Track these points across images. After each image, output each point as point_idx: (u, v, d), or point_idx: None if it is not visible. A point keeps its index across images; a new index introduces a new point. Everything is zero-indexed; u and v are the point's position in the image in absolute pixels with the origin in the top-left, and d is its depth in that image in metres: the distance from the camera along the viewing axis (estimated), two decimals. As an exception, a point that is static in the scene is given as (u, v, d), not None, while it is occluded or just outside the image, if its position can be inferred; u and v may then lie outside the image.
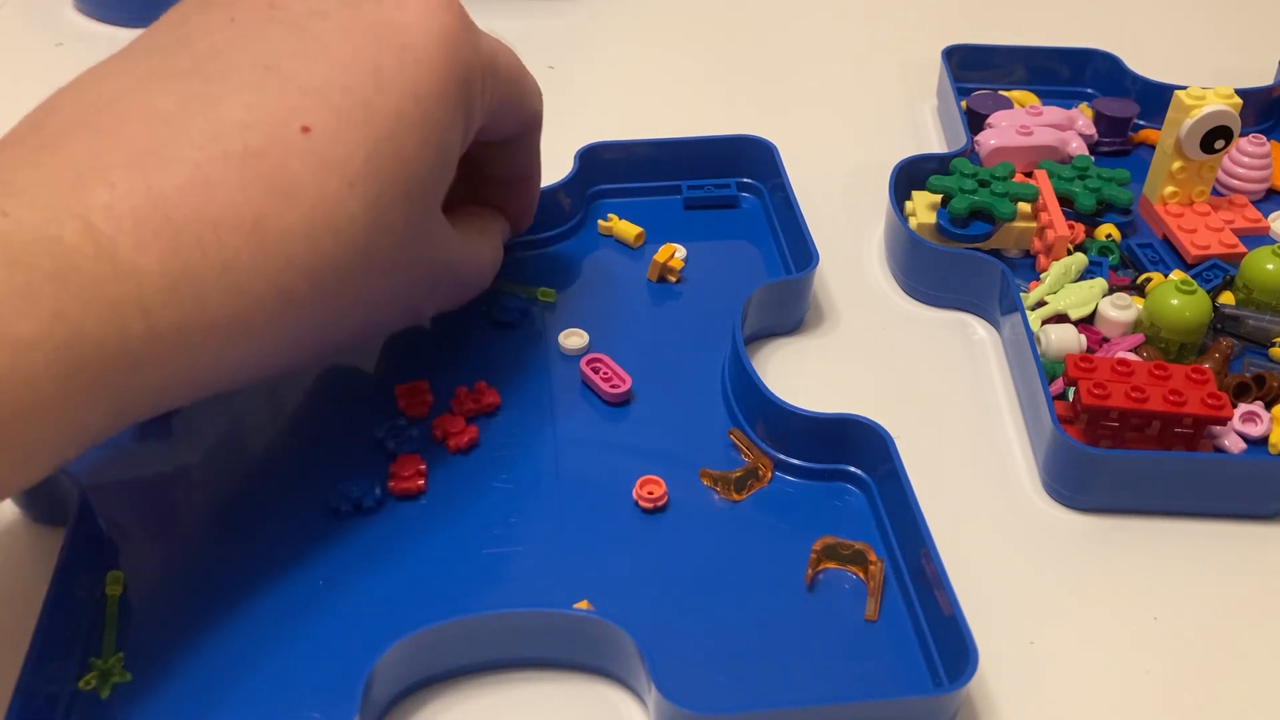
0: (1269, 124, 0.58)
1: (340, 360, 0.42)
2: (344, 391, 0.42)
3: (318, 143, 0.31)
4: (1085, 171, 0.50)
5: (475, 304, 0.44)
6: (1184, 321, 0.42)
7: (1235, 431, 0.40)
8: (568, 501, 0.38)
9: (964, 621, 0.32)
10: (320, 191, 0.31)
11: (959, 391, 0.44)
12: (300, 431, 0.40)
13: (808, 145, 0.55)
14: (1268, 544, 0.39)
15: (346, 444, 0.39)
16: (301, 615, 0.34)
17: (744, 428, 0.40)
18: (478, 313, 0.44)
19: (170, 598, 0.35)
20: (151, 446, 0.39)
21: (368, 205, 0.32)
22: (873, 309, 0.48)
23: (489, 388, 0.41)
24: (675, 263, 0.47)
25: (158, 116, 0.30)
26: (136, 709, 0.32)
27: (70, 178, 0.28)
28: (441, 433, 0.39)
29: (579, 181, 0.49)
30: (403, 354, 0.43)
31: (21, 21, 0.65)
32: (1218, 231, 0.49)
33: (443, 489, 0.38)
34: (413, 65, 0.33)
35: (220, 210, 0.29)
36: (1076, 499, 0.39)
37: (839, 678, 0.33)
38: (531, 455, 0.39)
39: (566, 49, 0.65)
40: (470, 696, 0.33)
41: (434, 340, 0.43)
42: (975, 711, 0.33)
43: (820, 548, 0.36)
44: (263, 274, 0.30)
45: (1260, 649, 0.35)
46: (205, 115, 0.30)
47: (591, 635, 0.33)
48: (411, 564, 0.35)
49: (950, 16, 0.69)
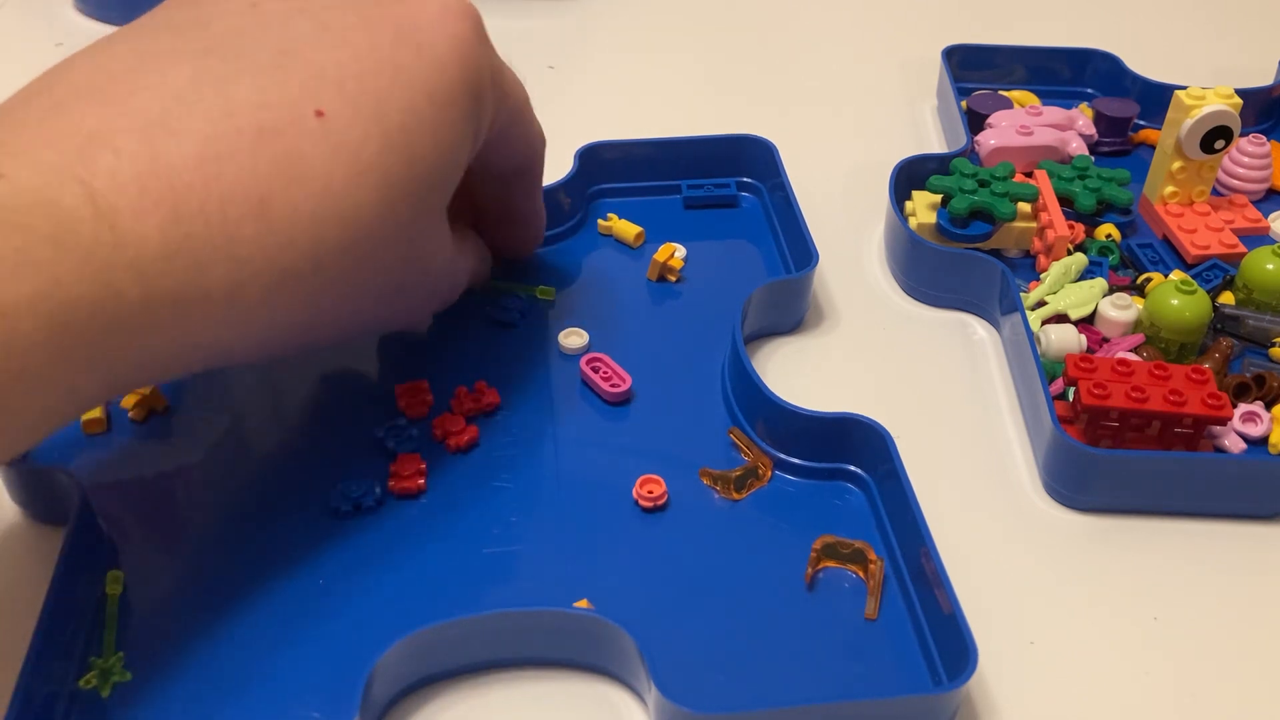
0: (1269, 124, 0.58)
1: (340, 360, 0.42)
2: (344, 391, 0.42)
3: (331, 128, 0.31)
4: (1085, 171, 0.50)
5: (475, 304, 0.44)
6: (1184, 321, 0.42)
7: (1235, 431, 0.40)
8: (568, 501, 0.38)
9: (963, 620, 0.32)
10: (330, 176, 0.31)
11: (959, 391, 0.44)
12: (300, 431, 0.40)
13: (808, 145, 0.55)
14: (1268, 544, 0.39)
15: (346, 444, 0.39)
16: (302, 614, 0.34)
17: (744, 427, 0.40)
18: (478, 312, 0.44)
19: (171, 597, 0.35)
20: (151, 446, 0.39)
21: (376, 195, 0.32)
22: (873, 309, 0.48)
23: (489, 387, 0.41)
24: (675, 262, 0.47)
25: (170, 89, 0.30)
26: (137, 708, 0.32)
27: (76, 142, 0.28)
28: (442, 432, 0.39)
29: (579, 181, 0.49)
30: (403, 354, 0.43)
31: (21, 21, 0.65)
32: (1218, 231, 0.49)
33: (443, 489, 0.38)
34: (429, 64, 0.33)
35: (228, 186, 0.29)
36: (1076, 499, 0.39)
37: (838, 676, 0.33)
38: (531, 455, 0.39)
39: (566, 49, 0.65)
40: (470, 696, 0.33)
41: (434, 340, 0.43)
42: (975, 711, 0.33)
43: (820, 546, 0.36)
44: (265, 251, 0.30)
45: (1260, 649, 0.35)
46: (219, 92, 0.30)
47: (591, 634, 0.33)
48: (411, 563, 0.35)
49: (950, 16, 0.69)
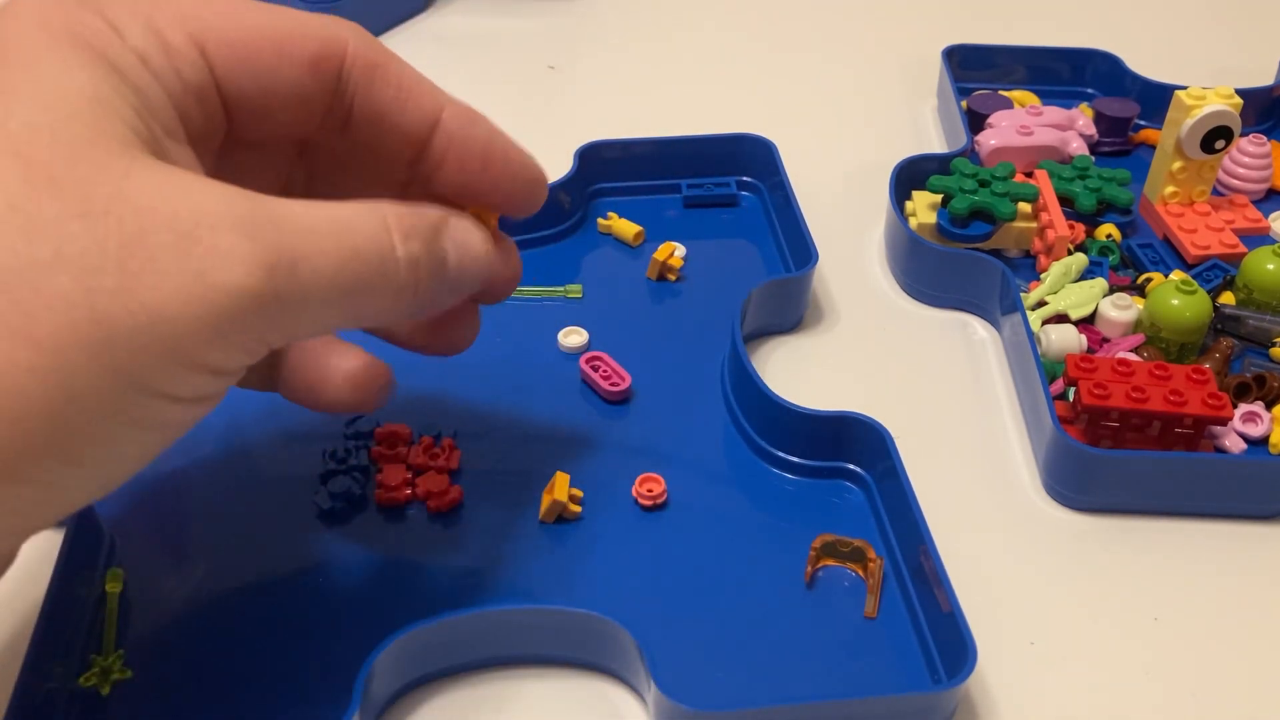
0: (1269, 124, 0.58)
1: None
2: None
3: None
4: (1085, 171, 0.50)
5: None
6: (1184, 321, 0.42)
7: (1235, 431, 0.40)
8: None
9: (963, 618, 0.32)
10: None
11: (959, 391, 0.44)
12: (300, 430, 0.40)
13: (808, 144, 0.54)
14: (1268, 544, 0.39)
15: (345, 443, 0.39)
16: (301, 612, 0.34)
17: (744, 426, 0.40)
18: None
19: (170, 595, 0.35)
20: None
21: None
22: (872, 308, 0.48)
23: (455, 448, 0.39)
24: (675, 261, 0.47)
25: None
26: (136, 706, 0.32)
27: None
28: (424, 492, 0.37)
29: (579, 180, 0.49)
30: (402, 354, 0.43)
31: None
32: (1218, 231, 0.49)
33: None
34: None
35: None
36: (1076, 499, 0.39)
37: (838, 674, 0.33)
38: (530, 454, 0.39)
39: (566, 49, 0.65)
40: (469, 694, 0.33)
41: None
42: (974, 709, 0.33)
43: (820, 545, 0.36)
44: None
45: (1260, 649, 0.35)
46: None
47: (591, 632, 0.33)
48: (410, 561, 0.35)
49: (950, 16, 0.69)
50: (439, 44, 0.64)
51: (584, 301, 0.46)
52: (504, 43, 0.65)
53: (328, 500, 0.37)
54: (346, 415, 0.39)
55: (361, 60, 0.29)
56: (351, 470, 0.38)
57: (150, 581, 0.35)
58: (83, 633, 0.33)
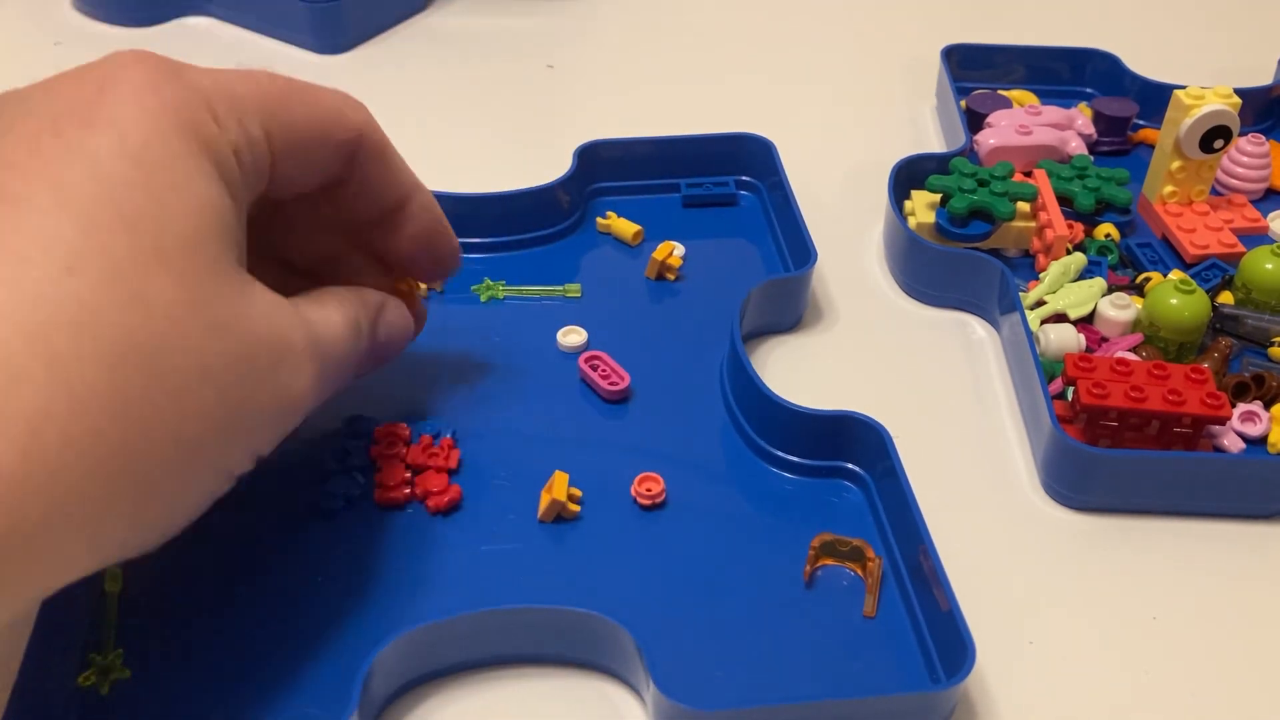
0: (1268, 124, 0.58)
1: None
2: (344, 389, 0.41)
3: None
4: (1084, 171, 0.50)
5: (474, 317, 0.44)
6: (1183, 321, 0.42)
7: (1234, 431, 0.40)
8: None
9: (961, 618, 0.32)
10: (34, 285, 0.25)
11: (958, 391, 0.44)
12: (300, 430, 0.40)
13: (807, 144, 0.55)
14: (1268, 544, 0.39)
15: (343, 442, 0.39)
16: (300, 611, 0.34)
17: (743, 425, 0.40)
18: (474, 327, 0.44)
19: (169, 594, 0.35)
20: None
21: (99, 284, 0.26)
22: (872, 308, 0.48)
23: (454, 447, 0.39)
24: (674, 260, 0.47)
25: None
26: (136, 705, 0.32)
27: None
28: (422, 491, 0.37)
29: (578, 179, 0.49)
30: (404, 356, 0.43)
31: (20, 21, 0.65)
32: (1217, 231, 0.49)
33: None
34: (114, 138, 0.28)
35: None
36: (1076, 499, 0.39)
37: (837, 674, 0.33)
38: (529, 453, 0.39)
39: (566, 48, 0.65)
40: (468, 693, 0.33)
41: (426, 347, 0.43)
42: (973, 708, 0.33)
43: (818, 544, 0.36)
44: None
45: (1260, 649, 0.35)
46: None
47: (590, 631, 0.33)
48: (409, 560, 0.35)
49: (950, 16, 0.69)
50: (438, 43, 0.64)
51: (583, 301, 0.46)
52: (503, 42, 0.65)
53: (327, 499, 0.37)
54: (346, 414, 0.40)
55: (370, 143, 0.35)
56: (351, 469, 0.38)
57: (149, 580, 0.35)
58: (82, 632, 0.33)
